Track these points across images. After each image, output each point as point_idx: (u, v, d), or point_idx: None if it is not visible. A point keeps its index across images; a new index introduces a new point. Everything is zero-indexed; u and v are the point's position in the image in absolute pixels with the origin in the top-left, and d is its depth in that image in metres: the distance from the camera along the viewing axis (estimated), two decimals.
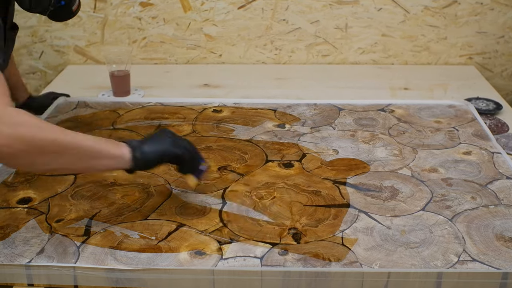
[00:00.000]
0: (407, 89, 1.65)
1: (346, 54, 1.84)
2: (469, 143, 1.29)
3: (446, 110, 1.46)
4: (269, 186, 1.12)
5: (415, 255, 0.93)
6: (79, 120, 1.41)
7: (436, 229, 0.99)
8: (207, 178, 1.15)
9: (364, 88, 1.66)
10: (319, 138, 1.32)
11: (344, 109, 1.47)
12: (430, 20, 1.78)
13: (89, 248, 0.95)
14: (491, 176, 1.16)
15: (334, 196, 1.09)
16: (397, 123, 1.39)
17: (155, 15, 1.80)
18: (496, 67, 1.84)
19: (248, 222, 1.01)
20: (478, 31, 1.79)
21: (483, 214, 1.04)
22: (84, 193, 1.10)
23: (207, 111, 1.46)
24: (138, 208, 1.06)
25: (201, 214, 1.04)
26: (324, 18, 1.79)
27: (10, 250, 0.95)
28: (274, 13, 1.79)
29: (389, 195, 1.10)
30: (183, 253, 0.94)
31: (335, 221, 1.02)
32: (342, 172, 1.17)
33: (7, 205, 1.07)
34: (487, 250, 0.94)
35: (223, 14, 1.79)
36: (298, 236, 0.98)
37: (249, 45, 1.84)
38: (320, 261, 0.91)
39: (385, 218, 1.03)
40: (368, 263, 0.91)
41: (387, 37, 1.81)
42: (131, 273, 0.90)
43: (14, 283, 0.93)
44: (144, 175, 1.16)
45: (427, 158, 1.23)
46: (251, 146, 1.28)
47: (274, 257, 0.93)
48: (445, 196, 1.09)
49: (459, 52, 1.82)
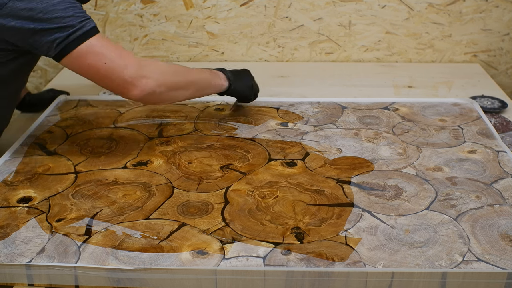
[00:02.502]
0: (411, 87, 1.64)
1: (350, 51, 1.83)
2: (474, 141, 1.28)
3: (451, 108, 1.44)
4: (272, 185, 1.12)
5: (419, 254, 0.92)
6: (80, 119, 1.40)
7: (440, 229, 0.98)
8: (209, 177, 1.14)
9: (367, 86, 1.65)
10: (322, 137, 1.31)
11: (348, 107, 1.46)
12: (434, 18, 1.77)
13: (90, 247, 0.94)
14: (496, 175, 1.15)
15: (338, 195, 1.08)
16: (401, 121, 1.38)
17: (157, 12, 1.79)
18: (501, 64, 1.83)
19: (250, 221, 1.01)
20: (483, 29, 1.78)
21: (488, 214, 1.03)
22: (85, 192, 1.10)
23: (209, 109, 1.45)
24: (139, 207, 1.05)
25: (203, 214, 1.03)
26: (327, 16, 1.78)
27: (10, 249, 0.94)
28: (277, 11, 1.78)
29: (393, 194, 1.09)
30: (185, 252, 0.93)
31: (338, 220, 1.01)
32: (346, 171, 1.16)
33: (7, 204, 1.07)
34: (492, 250, 0.93)
35: (225, 12, 1.79)
36: (301, 235, 0.97)
37: (251, 43, 1.83)
38: (323, 261, 0.91)
39: (389, 217, 1.02)
40: (372, 263, 0.90)
41: (391, 34, 1.80)
42: (133, 273, 0.90)
43: (15, 283, 0.93)
44: (145, 174, 1.15)
45: (431, 157, 1.22)
46: (254, 144, 1.27)
47: (277, 257, 0.92)
48: (449, 195, 1.08)
49: (464, 50, 1.81)
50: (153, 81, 1.11)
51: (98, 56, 1.09)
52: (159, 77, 1.13)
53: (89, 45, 1.09)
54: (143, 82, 1.10)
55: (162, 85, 1.13)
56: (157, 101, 1.18)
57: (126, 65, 1.10)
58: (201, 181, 1.13)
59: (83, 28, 1.08)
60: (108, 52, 1.09)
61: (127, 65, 1.10)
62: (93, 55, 1.09)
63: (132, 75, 1.09)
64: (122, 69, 1.09)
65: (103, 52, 1.09)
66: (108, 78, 1.10)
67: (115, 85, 1.11)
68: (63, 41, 1.07)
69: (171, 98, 1.20)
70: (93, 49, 1.09)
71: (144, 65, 1.12)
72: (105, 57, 1.09)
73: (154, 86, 1.12)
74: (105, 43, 1.10)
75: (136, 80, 1.10)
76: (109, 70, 1.09)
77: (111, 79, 1.10)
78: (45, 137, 1.31)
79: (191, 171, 1.17)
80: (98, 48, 1.09)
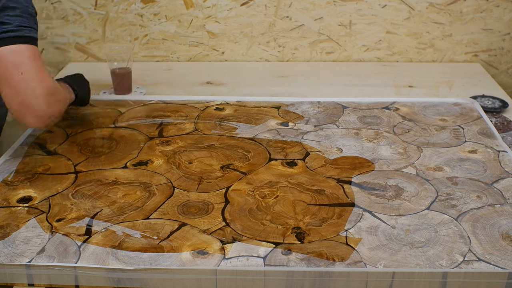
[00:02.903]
0: (411, 87, 1.64)
1: (350, 51, 1.83)
2: (474, 141, 1.28)
3: (451, 108, 1.44)
4: (272, 185, 1.11)
5: (420, 254, 0.92)
6: (80, 118, 1.40)
7: (441, 229, 0.98)
8: (209, 177, 1.14)
9: (368, 85, 1.64)
10: (323, 137, 1.30)
11: (348, 107, 1.45)
12: (435, 17, 1.76)
13: (90, 247, 0.94)
14: (496, 174, 1.15)
15: (338, 195, 1.08)
16: (401, 121, 1.38)
17: (157, 12, 1.79)
18: (502, 64, 1.83)
19: (251, 221, 1.01)
20: (484, 28, 1.77)
21: (488, 213, 1.02)
22: (85, 192, 1.10)
23: (210, 109, 1.45)
24: (139, 207, 1.05)
25: (203, 213, 1.03)
26: (328, 15, 1.77)
27: (10, 249, 0.94)
28: (277, 10, 1.78)
29: (394, 194, 1.08)
30: (185, 252, 0.93)
31: (339, 220, 1.01)
32: (346, 171, 1.16)
33: (7, 204, 1.06)
34: (493, 250, 0.93)
35: (225, 11, 1.78)
36: (302, 235, 0.97)
37: (252, 42, 1.83)
38: (324, 261, 0.90)
39: (389, 217, 1.02)
40: (373, 263, 0.90)
41: (391, 34, 1.80)
42: (133, 273, 0.90)
43: (15, 283, 0.92)
44: (145, 174, 1.15)
45: (432, 157, 1.21)
46: (254, 144, 1.27)
47: (277, 257, 0.92)
48: (450, 195, 1.08)
49: (465, 50, 1.81)
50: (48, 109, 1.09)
51: (18, 64, 1.06)
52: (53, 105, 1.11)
53: (18, 49, 1.06)
54: (41, 108, 1.07)
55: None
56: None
57: (42, 81, 1.07)
58: (202, 181, 1.13)
59: (22, 31, 1.07)
60: (31, 65, 1.06)
61: (42, 81, 1.07)
62: (15, 61, 1.06)
63: (39, 95, 1.06)
64: (37, 84, 1.06)
65: (26, 62, 1.06)
66: (16, 90, 1.06)
67: (16, 102, 1.07)
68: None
69: None
70: (19, 55, 1.06)
71: (50, 93, 1.09)
72: (24, 67, 1.06)
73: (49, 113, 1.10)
74: (35, 56, 1.08)
75: (38, 104, 1.07)
76: (22, 82, 1.06)
77: (18, 93, 1.06)
78: (45, 137, 1.31)
79: (192, 171, 1.17)
80: (24, 57, 1.06)
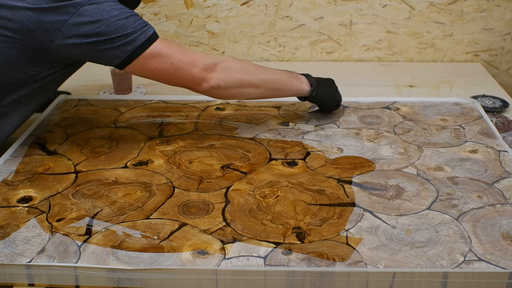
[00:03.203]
0: (412, 87, 1.63)
1: (351, 51, 1.83)
2: (475, 141, 1.28)
3: (452, 108, 1.44)
4: (273, 184, 1.11)
5: (421, 254, 0.92)
6: (80, 118, 1.40)
7: (441, 228, 0.98)
8: (210, 177, 1.14)
9: (368, 85, 1.64)
10: (323, 136, 1.30)
11: (349, 106, 1.45)
12: (435, 17, 1.76)
13: (91, 247, 0.94)
14: (497, 174, 1.14)
15: (339, 195, 1.08)
16: (402, 121, 1.37)
17: (157, 11, 1.79)
18: (502, 64, 1.83)
19: (251, 221, 1.00)
20: (484, 28, 1.77)
21: (489, 213, 1.02)
22: (85, 192, 1.09)
23: (210, 109, 1.45)
24: (140, 207, 1.05)
25: (204, 213, 1.03)
26: (328, 15, 1.77)
27: (11, 249, 0.94)
28: (278, 10, 1.78)
29: (394, 194, 1.08)
30: (185, 252, 0.93)
31: (339, 220, 1.00)
32: (347, 171, 1.16)
33: (7, 204, 1.06)
34: (493, 250, 0.93)
35: (226, 11, 1.78)
36: (302, 235, 0.97)
37: (252, 42, 1.83)
38: (324, 261, 0.90)
39: (390, 217, 1.01)
40: (373, 263, 0.90)
41: (392, 34, 1.79)
42: (133, 273, 0.90)
43: (15, 283, 0.92)
44: (146, 174, 1.15)
45: (432, 157, 1.21)
46: (255, 144, 1.27)
47: (277, 257, 0.92)
48: (451, 195, 1.08)
49: (465, 49, 1.81)
50: (218, 76, 1.18)
51: (165, 58, 1.14)
52: (224, 73, 1.19)
53: (154, 49, 1.14)
54: (209, 77, 1.17)
55: (227, 80, 1.19)
56: (224, 96, 1.24)
57: (193, 61, 1.16)
58: (202, 180, 1.13)
59: (146, 33, 1.13)
60: (174, 52, 1.15)
61: (193, 61, 1.16)
62: (160, 58, 1.14)
63: (198, 70, 1.16)
64: (189, 66, 1.16)
65: (169, 53, 1.15)
66: (177, 77, 1.17)
67: (184, 82, 1.18)
68: (128, 49, 1.11)
69: (238, 94, 1.24)
70: (159, 52, 1.14)
71: (210, 61, 1.18)
72: (172, 57, 1.15)
73: (219, 81, 1.18)
74: (168, 44, 1.16)
75: (203, 75, 1.17)
76: (177, 70, 1.16)
77: (180, 78, 1.17)
78: (45, 137, 1.31)
79: (192, 170, 1.17)
80: (164, 51, 1.14)
